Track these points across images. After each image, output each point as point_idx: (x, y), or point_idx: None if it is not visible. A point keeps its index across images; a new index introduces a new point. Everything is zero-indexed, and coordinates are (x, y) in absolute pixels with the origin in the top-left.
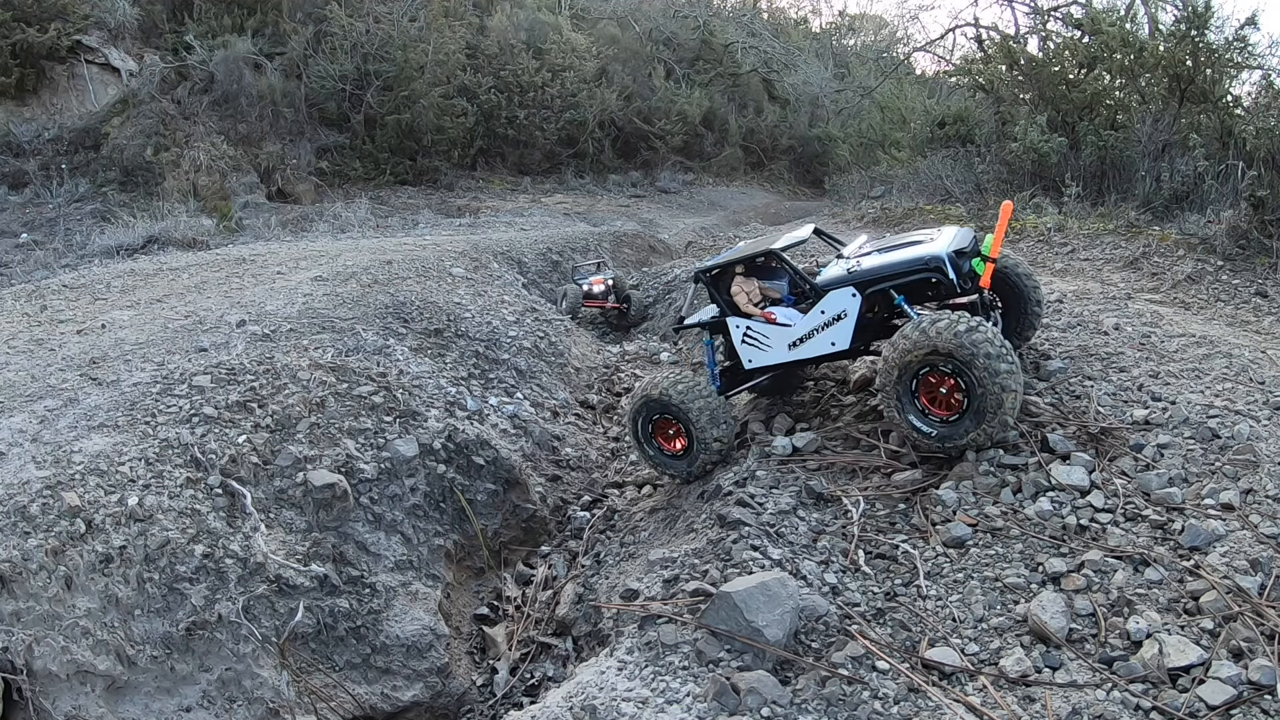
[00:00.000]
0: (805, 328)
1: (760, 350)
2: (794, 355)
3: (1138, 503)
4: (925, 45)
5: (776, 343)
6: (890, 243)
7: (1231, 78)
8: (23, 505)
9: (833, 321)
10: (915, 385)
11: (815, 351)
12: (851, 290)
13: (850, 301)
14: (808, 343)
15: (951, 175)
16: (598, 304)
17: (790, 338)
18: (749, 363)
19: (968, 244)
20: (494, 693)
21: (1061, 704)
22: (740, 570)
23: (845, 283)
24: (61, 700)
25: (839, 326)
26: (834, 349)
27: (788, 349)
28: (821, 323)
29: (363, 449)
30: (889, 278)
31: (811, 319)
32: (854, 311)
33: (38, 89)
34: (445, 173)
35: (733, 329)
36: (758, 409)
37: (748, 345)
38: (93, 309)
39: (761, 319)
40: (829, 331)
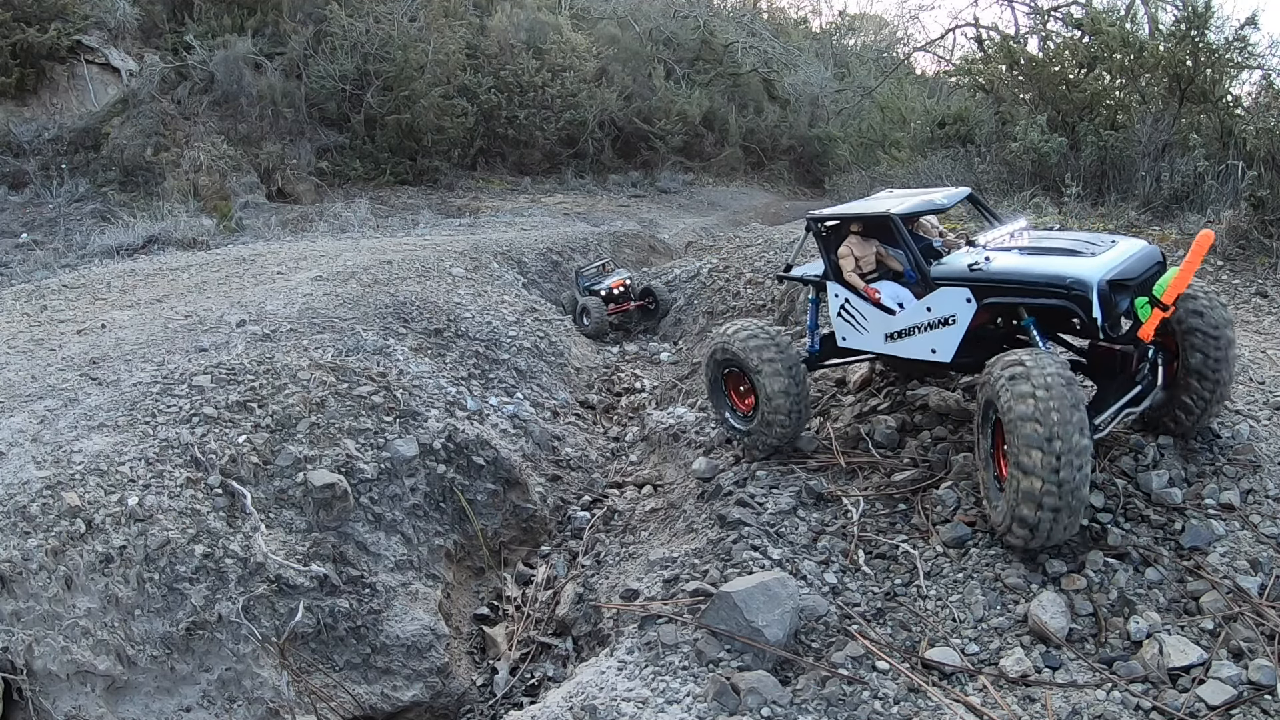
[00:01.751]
0: (907, 320)
1: (855, 330)
2: (890, 349)
3: (1138, 503)
4: (925, 45)
5: (874, 327)
6: (1047, 240)
7: (1231, 78)
8: (23, 505)
9: (938, 324)
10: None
11: (912, 353)
12: (966, 293)
13: (962, 306)
14: (906, 340)
15: (951, 175)
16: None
17: (890, 327)
18: (842, 340)
19: (1139, 272)
20: (494, 693)
21: (1061, 704)
22: (740, 570)
23: (961, 280)
24: (61, 700)
25: (944, 333)
26: (933, 357)
27: (884, 339)
28: (925, 321)
29: (363, 449)
30: (1016, 289)
31: (916, 312)
32: (965, 319)
33: (38, 89)
34: (445, 173)
35: (830, 296)
36: None
37: (843, 320)
38: (93, 309)
39: (864, 294)
40: (931, 335)
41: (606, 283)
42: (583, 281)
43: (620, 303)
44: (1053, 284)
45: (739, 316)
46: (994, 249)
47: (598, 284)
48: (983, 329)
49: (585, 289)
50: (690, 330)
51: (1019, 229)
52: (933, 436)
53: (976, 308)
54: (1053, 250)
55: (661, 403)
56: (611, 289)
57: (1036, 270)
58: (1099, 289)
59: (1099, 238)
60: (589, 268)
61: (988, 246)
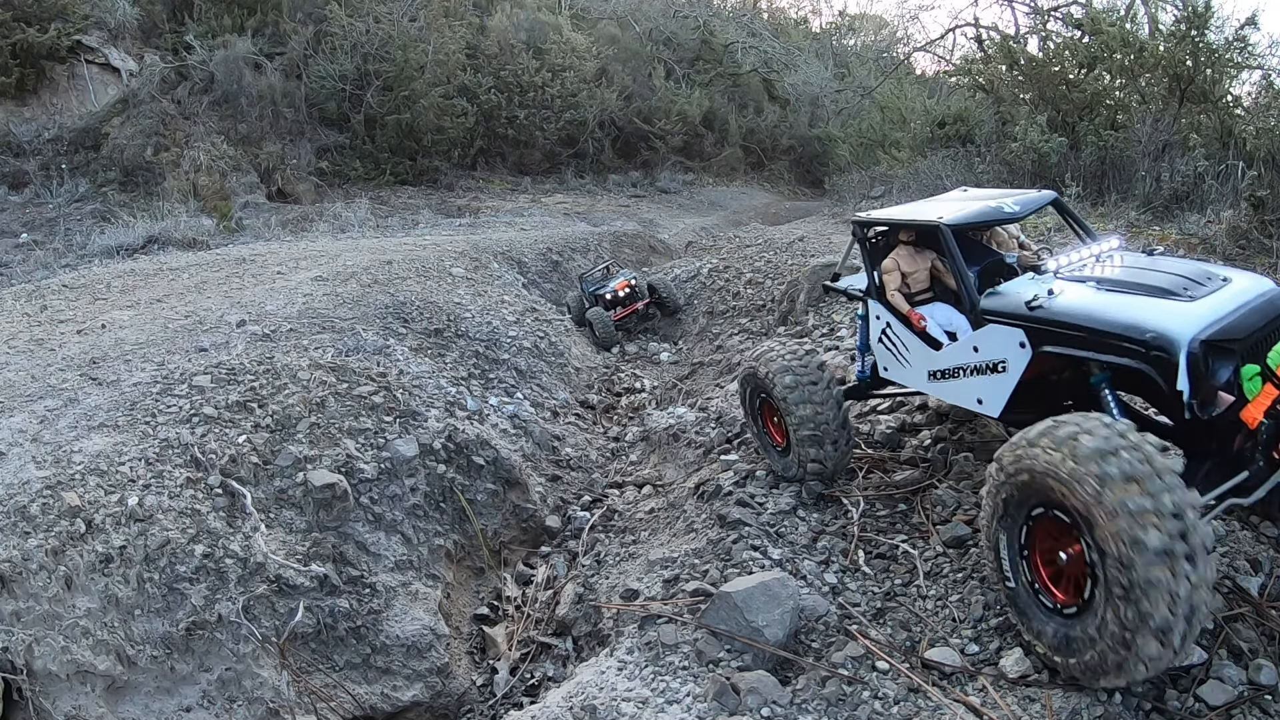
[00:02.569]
0: (952, 359)
1: (897, 361)
2: (933, 390)
3: None
4: (925, 45)
5: (917, 360)
6: (1139, 271)
7: (1231, 78)
8: (23, 505)
9: (986, 369)
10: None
11: (956, 398)
12: (1020, 335)
13: (1015, 351)
14: (951, 383)
15: (951, 175)
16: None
17: (934, 363)
18: (884, 370)
19: (1253, 328)
20: (494, 693)
21: (1061, 704)
22: (740, 570)
23: (1014, 319)
24: (61, 700)
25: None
26: (979, 409)
27: (927, 377)
28: (971, 363)
29: (363, 449)
30: (1081, 339)
31: (961, 351)
32: (1017, 367)
33: (38, 89)
34: (445, 173)
35: (871, 315)
36: None
37: (884, 348)
38: (93, 309)
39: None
40: (978, 381)
41: (611, 285)
42: (587, 286)
43: (628, 304)
44: (1127, 336)
45: (739, 316)
46: (1066, 277)
47: (602, 288)
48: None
49: (590, 293)
50: (690, 330)
51: (1108, 250)
52: (933, 437)
53: (1032, 355)
54: (1140, 287)
55: (661, 403)
56: (617, 291)
57: (1109, 316)
58: (1189, 350)
59: (1209, 271)
60: (593, 271)
61: (1059, 273)
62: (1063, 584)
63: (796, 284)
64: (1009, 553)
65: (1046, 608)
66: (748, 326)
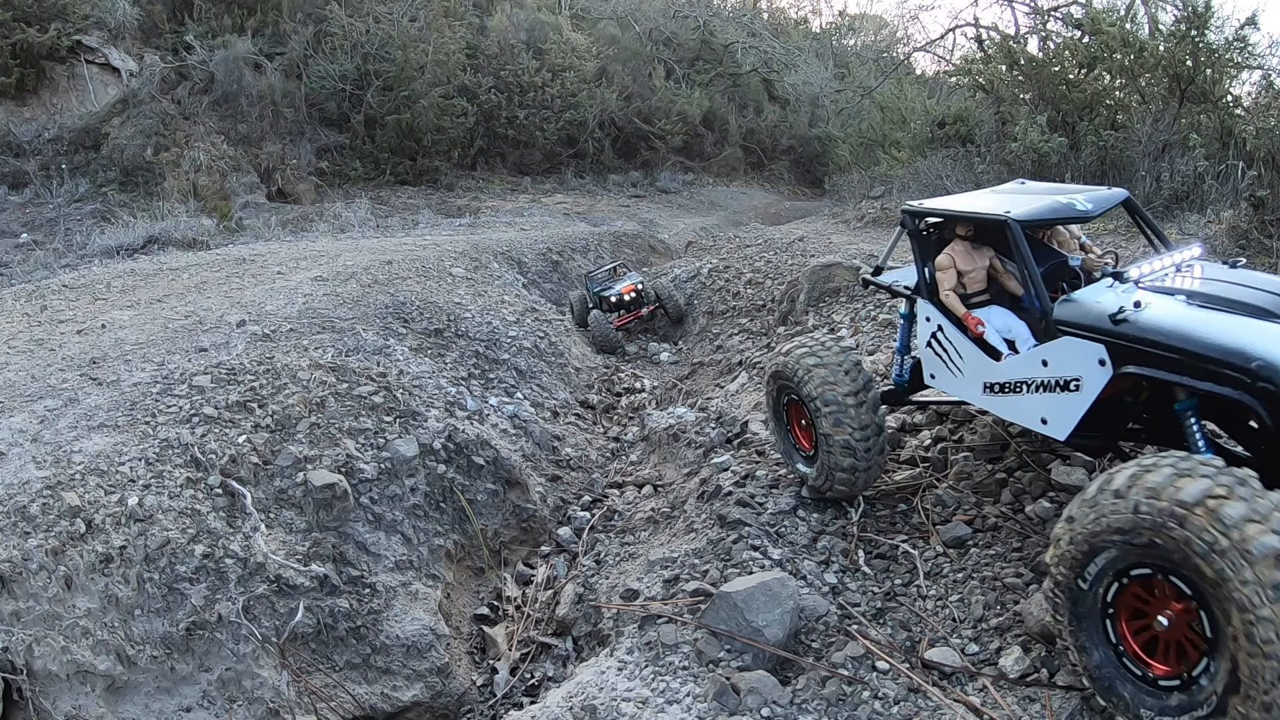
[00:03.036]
0: (1015, 372)
1: (946, 369)
2: (988, 404)
3: None
4: (925, 45)
5: (971, 370)
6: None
7: (1231, 78)
8: (23, 505)
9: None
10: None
11: (1016, 416)
12: (1101, 351)
13: (1092, 369)
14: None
15: (951, 175)
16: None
17: (991, 375)
18: (930, 377)
19: None
20: (494, 693)
21: (1062, 704)
22: (740, 570)
23: (1096, 333)
24: (61, 700)
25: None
26: (1043, 429)
27: (982, 389)
28: (1039, 378)
29: (363, 449)
30: (1173, 361)
31: (1027, 363)
32: (1094, 387)
33: (38, 89)
34: (445, 173)
35: (920, 317)
36: (759, 408)
37: (933, 353)
38: (93, 309)
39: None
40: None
41: (617, 288)
42: (593, 286)
43: (632, 310)
44: (1229, 363)
45: (739, 316)
46: (1150, 288)
47: (608, 289)
48: (1110, 402)
49: (595, 294)
50: (690, 330)
51: (1188, 260)
52: (933, 437)
53: (1113, 375)
54: (1237, 305)
55: (661, 403)
56: (622, 295)
57: (1207, 337)
58: None
59: None
60: (599, 271)
61: (1140, 283)
62: (1160, 652)
63: (796, 284)
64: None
65: (1133, 675)
66: (748, 326)
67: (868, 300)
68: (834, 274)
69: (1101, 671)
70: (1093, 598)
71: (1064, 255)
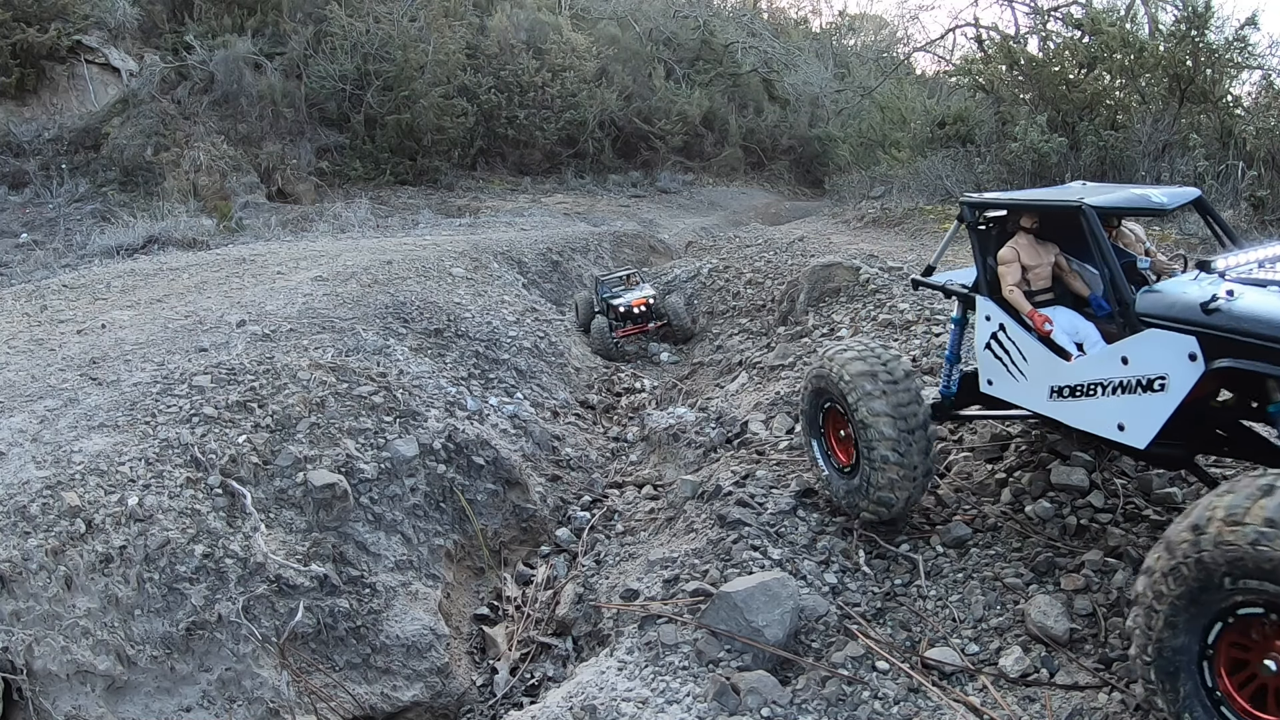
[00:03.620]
0: (1088, 373)
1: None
2: (1054, 411)
3: (1138, 503)
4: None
5: (1037, 373)
6: None
7: (1231, 78)
8: (23, 505)
9: (1138, 386)
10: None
11: (1088, 423)
12: (1192, 344)
13: (1181, 364)
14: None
15: (951, 175)
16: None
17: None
18: (987, 384)
19: None
20: (494, 693)
21: (1061, 704)
22: (740, 570)
23: (1186, 324)
24: (61, 700)
25: (1146, 401)
26: (1120, 436)
27: (1048, 394)
28: (1117, 378)
29: (363, 449)
30: (1274, 353)
31: (1103, 362)
32: (1183, 384)
33: (38, 89)
34: (445, 173)
35: (980, 318)
36: (759, 407)
37: (993, 355)
38: (93, 309)
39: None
40: (1124, 402)
41: (628, 298)
42: (603, 291)
43: (639, 322)
44: None
45: (739, 316)
46: (1243, 278)
47: (618, 297)
48: (1197, 402)
49: (604, 299)
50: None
51: (1273, 255)
52: None
53: (1204, 370)
54: None
55: (661, 403)
56: (632, 306)
57: None
58: None
59: None
60: (610, 276)
61: (1227, 275)
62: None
63: (796, 284)
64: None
65: None
66: (748, 326)
67: (868, 300)
68: (834, 274)
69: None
70: (1190, 638)
71: (1132, 256)
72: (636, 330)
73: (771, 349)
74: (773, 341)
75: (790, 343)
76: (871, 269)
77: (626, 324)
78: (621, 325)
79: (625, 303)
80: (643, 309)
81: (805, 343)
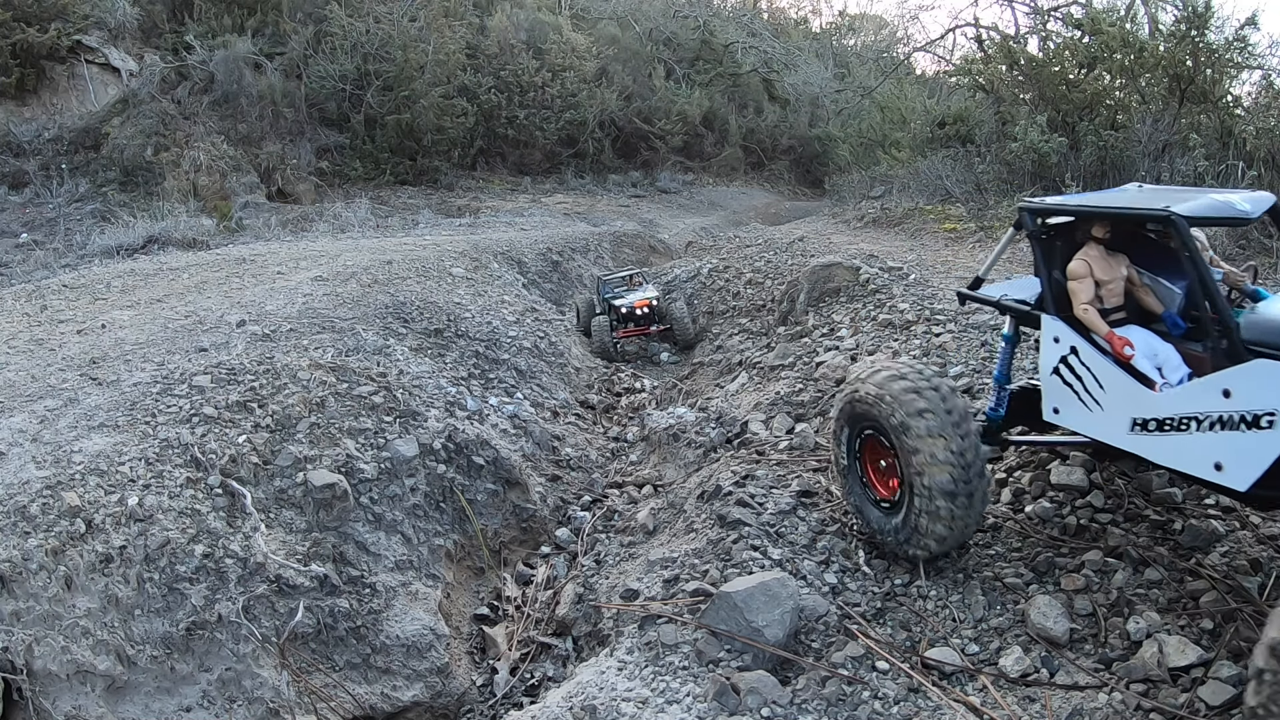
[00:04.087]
0: (1181, 405)
1: (1079, 401)
2: (1134, 444)
3: (1138, 503)
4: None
5: (1116, 402)
6: None
7: (1231, 78)
8: (23, 505)
9: (1240, 423)
10: None
11: (1177, 459)
12: None
13: None
14: (1171, 438)
15: (951, 175)
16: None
17: (1145, 409)
18: (1053, 412)
19: None
20: (494, 693)
21: (1061, 704)
22: (740, 570)
23: None
24: (61, 700)
25: (1250, 440)
26: (1217, 477)
27: (1129, 427)
28: (1216, 414)
29: (363, 449)
30: None
31: (1200, 393)
32: None
33: (38, 89)
34: (445, 173)
35: (1047, 339)
36: (759, 407)
37: (1061, 380)
38: (93, 309)
39: (1105, 343)
40: (1222, 439)
41: (630, 299)
42: (605, 291)
43: (640, 324)
44: None
45: (739, 316)
46: None
47: (620, 297)
48: None
49: (606, 299)
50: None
51: None
52: None
53: None
54: None
55: (661, 403)
56: (635, 308)
57: None
58: None
59: None
60: (613, 276)
61: None
62: None
63: (796, 284)
64: None
65: None
66: (748, 326)
67: (868, 300)
68: (834, 274)
69: None
70: None
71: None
72: (638, 332)
73: (771, 349)
74: (773, 341)
75: (790, 343)
76: (871, 269)
77: (628, 325)
78: (623, 326)
79: (628, 304)
80: (645, 311)
81: (805, 343)
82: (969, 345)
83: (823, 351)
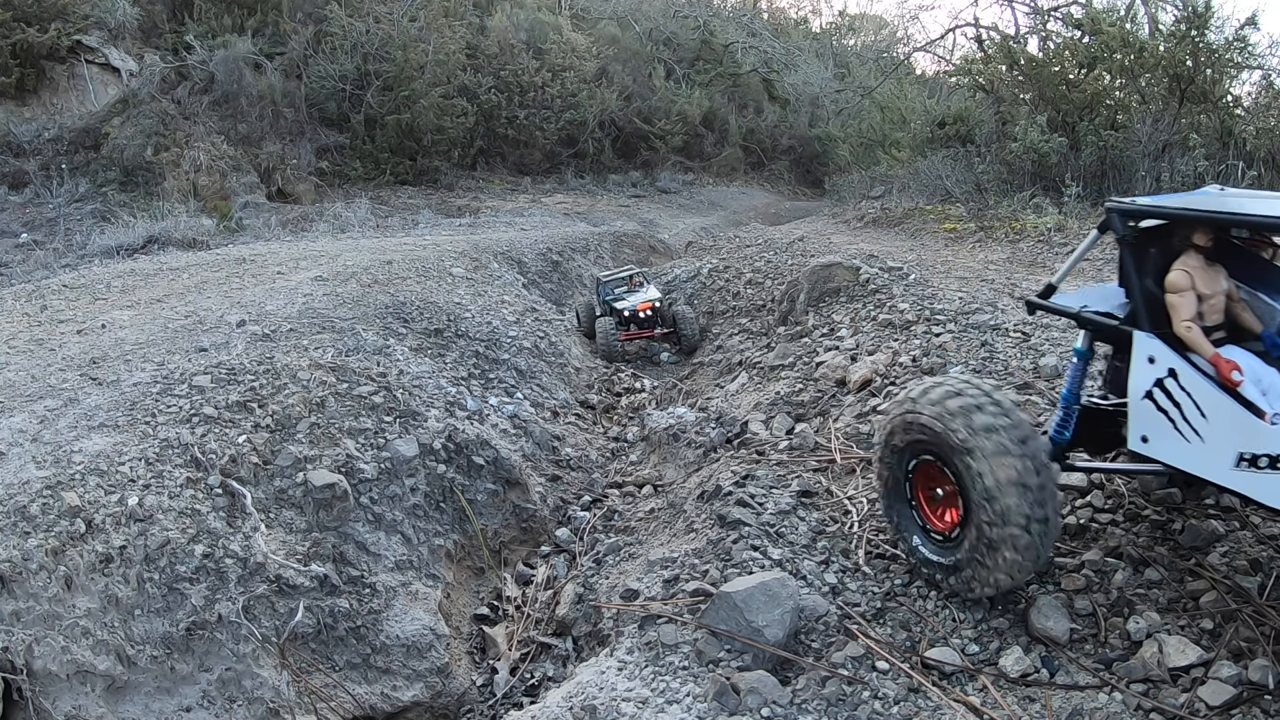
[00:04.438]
0: None
1: (1175, 431)
2: (1239, 482)
3: (1138, 503)
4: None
5: (1220, 435)
6: None
7: (1231, 78)
8: (23, 505)
9: None
10: None
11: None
12: None
13: None
14: (1276, 476)
15: (951, 175)
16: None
17: (1254, 442)
18: (1141, 440)
19: None
20: (494, 693)
21: (1062, 704)
22: (740, 570)
23: None
24: (61, 700)
25: None
26: None
27: (1235, 462)
28: None
29: (363, 449)
30: None
31: None
32: None
33: (38, 89)
34: (445, 173)
35: (1139, 358)
36: (759, 407)
37: (1155, 406)
38: (93, 309)
39: (1210, 365)
40: None
41: (632, 301)
42: (605, 293)
43: (643, 327)
44: None
45: (739, 316)
46: None
47: (621, 299)
48: None
49: (606, 302)
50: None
51: None
52: None
53: None
54: None
55: (661, 403)
56: (637, 311)
57: None
58: None
59: None
60: (613, 276)
61: None
62: None
63: (796, 284)
64: None
65: None
66: (748, 326)
67: (868, 300)
68: (834, 274)
69: None
70: None
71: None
72: (642, 335)
73: (771, 349)
74: (773, 341)
75: (790, 343)
76: (871, 269)
77: (630, 328)
78: (624, 329)
79: (630, 306)
80: (648, 313)
81: (805, 343)
82: (969, 345)
83: (823, 351)
